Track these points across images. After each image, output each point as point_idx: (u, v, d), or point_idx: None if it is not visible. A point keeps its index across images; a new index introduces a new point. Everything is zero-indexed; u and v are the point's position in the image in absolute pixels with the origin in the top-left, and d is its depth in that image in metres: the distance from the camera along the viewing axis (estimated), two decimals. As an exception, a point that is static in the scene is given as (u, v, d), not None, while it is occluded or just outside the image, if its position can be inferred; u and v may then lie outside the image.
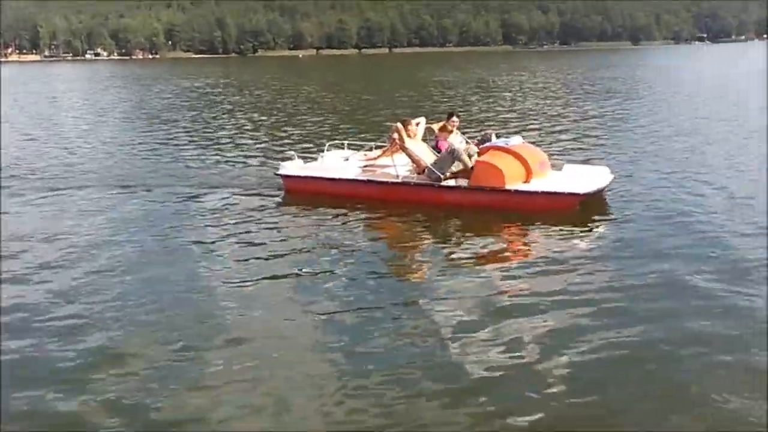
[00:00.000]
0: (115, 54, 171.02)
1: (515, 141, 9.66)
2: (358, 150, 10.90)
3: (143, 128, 20.93)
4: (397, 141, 9.68)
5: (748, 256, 7.05)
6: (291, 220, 9.41)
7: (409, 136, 9.69)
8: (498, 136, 10.09)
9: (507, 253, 7.80)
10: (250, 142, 17.15)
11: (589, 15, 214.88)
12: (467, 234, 8.46)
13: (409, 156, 9.71)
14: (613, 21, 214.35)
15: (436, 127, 10.26)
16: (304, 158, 11.10)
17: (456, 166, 9.42)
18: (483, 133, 10.44)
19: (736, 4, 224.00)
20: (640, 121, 19.52)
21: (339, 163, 10.50)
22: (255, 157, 14.56)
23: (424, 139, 10.15)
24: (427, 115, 11.02)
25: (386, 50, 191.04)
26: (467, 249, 7.81)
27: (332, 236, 8.44)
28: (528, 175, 9.30)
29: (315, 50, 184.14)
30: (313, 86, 41.18)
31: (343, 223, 8.99)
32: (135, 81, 53.50)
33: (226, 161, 14.00)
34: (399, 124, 9.72)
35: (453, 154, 9.40)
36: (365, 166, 10.20)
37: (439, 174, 9.43)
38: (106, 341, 5.53)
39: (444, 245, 8.09)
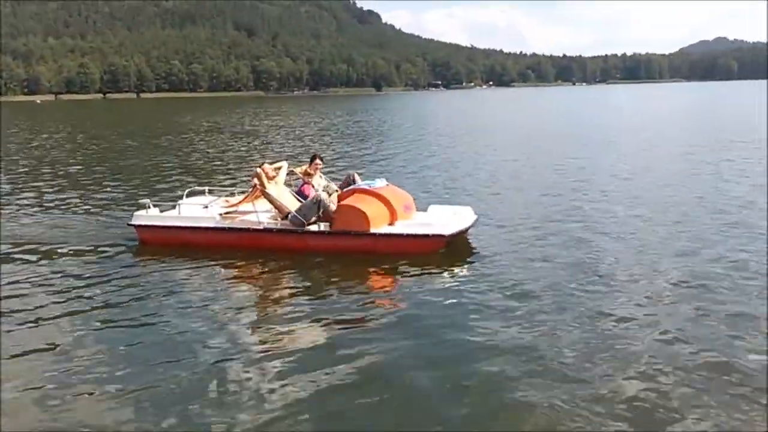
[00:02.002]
0: None
1: (379, 183, 9.57)
2: (218, 197, 10.47)
3: None
4: (258, 186, 9.49)
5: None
6: (144, 274, 8.67)
7: (270, 180, 9.55)
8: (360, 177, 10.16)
9: (358, 299, 7.42)
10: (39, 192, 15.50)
11: (335, 63, 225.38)
12: (328, 281, 8.17)
13: (271, 202, 9.48)
14: (358, 69, 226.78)
15: (298, 170, 10.15)
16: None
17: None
18: (346, 174, 10.32)
19: (464, 53, 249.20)
20: (474, 159, 20.60)
21: (198, 211, 9.96)
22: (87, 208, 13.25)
23: (287, 184, 10.03)
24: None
25: (133, 95, 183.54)
26: (325, 297, 7.59)
27: (188, 289, 7.94)
28: (393, 218, 9.18)
29: (54, 95, 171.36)
30: (65, 133, 38.22)
31: (202, 275, 8.46)
32: None
33: (50, 215, 12.54)
34: (259, 169, 9.51)
35: (319, 205, 9.23)
36: (226, 213, 9.77)
37: (303, 220, 9.27)
38: None
39: (302, 293, 7.79)
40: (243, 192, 10.31)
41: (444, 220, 9.31)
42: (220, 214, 9.73)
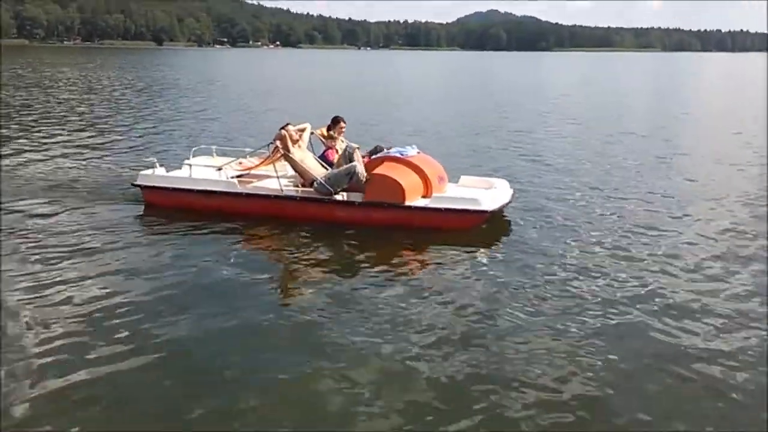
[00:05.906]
0: None
1: (411, 151, 8.84)
2: (232, 158, 9.34)
3: None
4: (281, 149, 8.52)
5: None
6: (149, 240, 7.86)
7: (294, 144, 8.62)
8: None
9: (389, 276, 6.88)
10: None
11: (111, 13, 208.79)
12: (358, 255, 7.52)
13: (294, 167, 8.59)
14: (136, 20, 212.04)
15: (318, 133, 9.25)
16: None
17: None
18: (375, 146, 9.33)
19: (249, 10, 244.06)
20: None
21: (209, 173, 8.94)
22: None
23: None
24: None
25: None
26: (353, 271, 7.01)
27: (198, 260, 7.18)
28: (428, 190, 8.58)
29: None
30: None
31: (214, 244, 7.72)
32: None
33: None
34: (283, 131, 8.54)
35: (352, 176, 8.36)
36: (240, 176, 8.82)
37: (330, 189, 8.42)
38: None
39: (327, 267, 7.20)
40: (256, 154, 9.28)
41: (482, 193, 8.71)
42: (234, 178, 8.74)
